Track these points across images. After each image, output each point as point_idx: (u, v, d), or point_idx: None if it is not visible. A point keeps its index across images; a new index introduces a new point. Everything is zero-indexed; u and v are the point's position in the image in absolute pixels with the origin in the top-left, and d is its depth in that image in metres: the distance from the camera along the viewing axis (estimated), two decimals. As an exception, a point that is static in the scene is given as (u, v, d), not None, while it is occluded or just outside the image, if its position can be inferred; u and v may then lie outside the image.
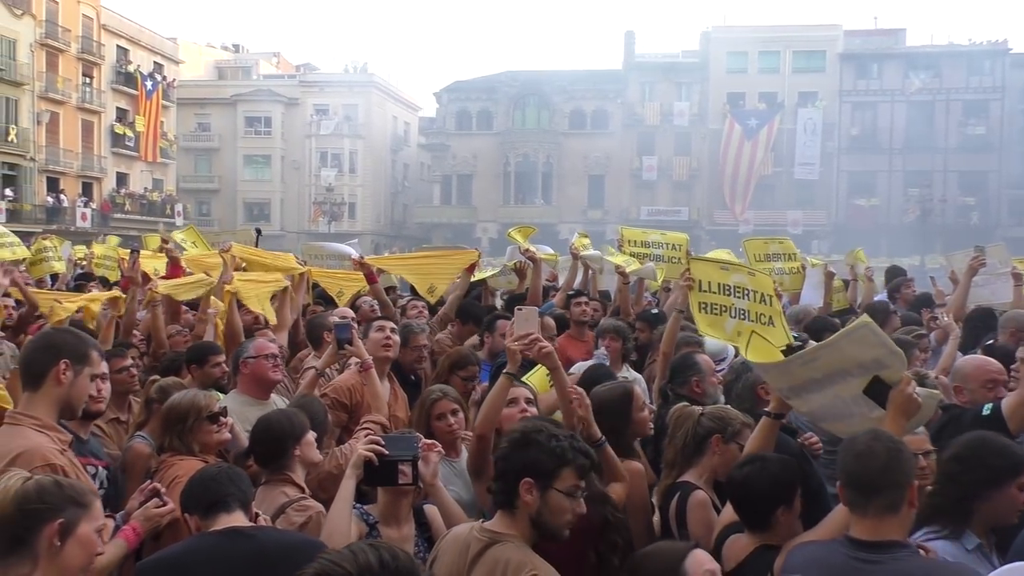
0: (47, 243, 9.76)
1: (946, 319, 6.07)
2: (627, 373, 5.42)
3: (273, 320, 5.81)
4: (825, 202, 50.69)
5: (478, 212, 54.30)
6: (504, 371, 3.42)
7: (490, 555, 2.44)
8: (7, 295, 6.42)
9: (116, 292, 5.50)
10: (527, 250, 7.38)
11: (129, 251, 7.37)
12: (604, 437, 3.28)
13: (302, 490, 3.18)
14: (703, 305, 4.65)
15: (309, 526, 2.95)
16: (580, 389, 3.39)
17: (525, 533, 2.49)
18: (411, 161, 63.14)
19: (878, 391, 2.80)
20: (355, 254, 7.50)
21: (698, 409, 3.51)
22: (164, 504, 2.86)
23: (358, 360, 4.21)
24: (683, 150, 52.90)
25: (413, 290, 7.56)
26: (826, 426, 3.34)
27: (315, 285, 7.46)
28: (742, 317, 4.77)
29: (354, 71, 60.69)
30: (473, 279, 7.79)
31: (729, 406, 3.78)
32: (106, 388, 3.12)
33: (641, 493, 3.44)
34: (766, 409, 3.28)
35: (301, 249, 8.77)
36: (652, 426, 3.91)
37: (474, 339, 6.24)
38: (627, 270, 7.28)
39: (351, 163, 55.84)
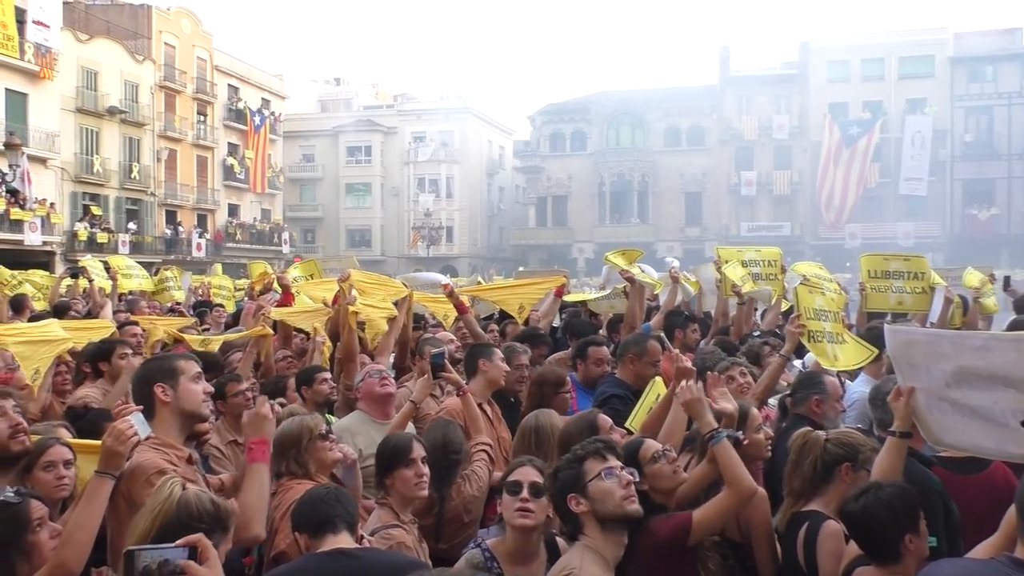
0: (168, 273, 10.36)
1: None
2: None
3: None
4: (938, 213, 48.20)
5: (574, 233, 54.30)
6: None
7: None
8: (136, 322, 6.86)
9: (266, 329, 5.71)
10: (625, 271, 7.30)
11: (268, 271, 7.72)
12: (719, 430, 3.16)
13: (397, 516, 3.21)
14: (810, 334, 4.79)
15: None
16: (698, 391, 3.33)
17: (599, 540, 2.68)
18: (506, 184, 63.84)
19: None
20: (445, 280, 7.67)
21: (822, 434, 3.32)
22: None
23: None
24: (783, 164, 51.51)
25: (503, 314, 7.67)
26: (961, 442, 3.05)
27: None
28: (832, 341, 4.89)
29: (449, 98, 61.98)
30: (571, 299, 7.82)
31: (855, 430, 3.56)
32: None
33: (765, 519, 3.29)
34: (891, 428, 3.12)
35: (400, 279, 8.97)
36: (770, 449, 3.78)
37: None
38: (743, 290, 7.03)
39: (448, 188, 56.91)
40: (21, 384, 4.39)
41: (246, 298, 9.92)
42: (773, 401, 4.91)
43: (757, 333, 6.55)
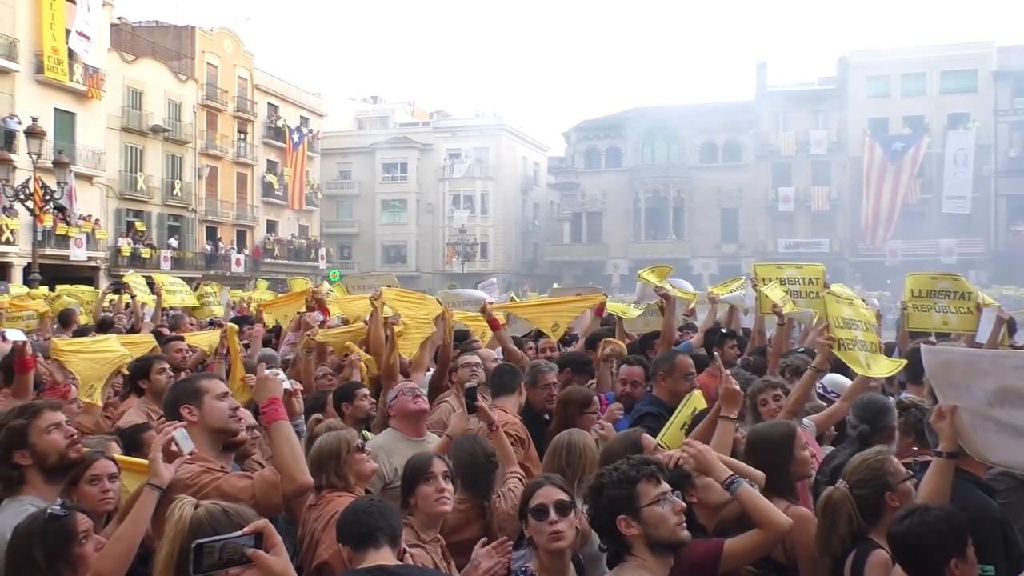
0: (208, 289, 10.53)
1: None
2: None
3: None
4: (982, 229, 47.19)
5: (609, 249, 54.15)
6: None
7: None
8: (180, 338, 6.98)
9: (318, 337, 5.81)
10: (659, 288, 7.26)
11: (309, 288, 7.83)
12: (736, 477, 3.04)
13: (418, 535, 3.23)
14: (840, 343, 4.77)
15: None
16: (699, 444, 3.17)
17: (651, 562, 2.65)
18: (541, 200, 63.97)
19: None
20: (488, 299, 7.67)
21: (843, 486, 3.16)
22: None
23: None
24: (822, 180, 50.91)
25: (540, 334, 7.64)
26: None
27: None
28: (864, 348, 4.85)
29: (484, 115, 62.40)
30: (611, 309, 7.76)
31: (892, 457, 3.41)
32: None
33: (810, 540, 3.20)
34: (938, 449, 3.04)
35: (439, 296, 9.02)
36: (815, 467, 3.73)
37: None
38: (783, 311, 6.82)
39: (483, 204, 57.18)
40: (72, 398, 4.49)
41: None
42: (807, 421, 4.84)
43: (801, 350, 6.44)
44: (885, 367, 5.20)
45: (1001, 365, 2.80)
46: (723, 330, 7.16)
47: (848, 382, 5.31)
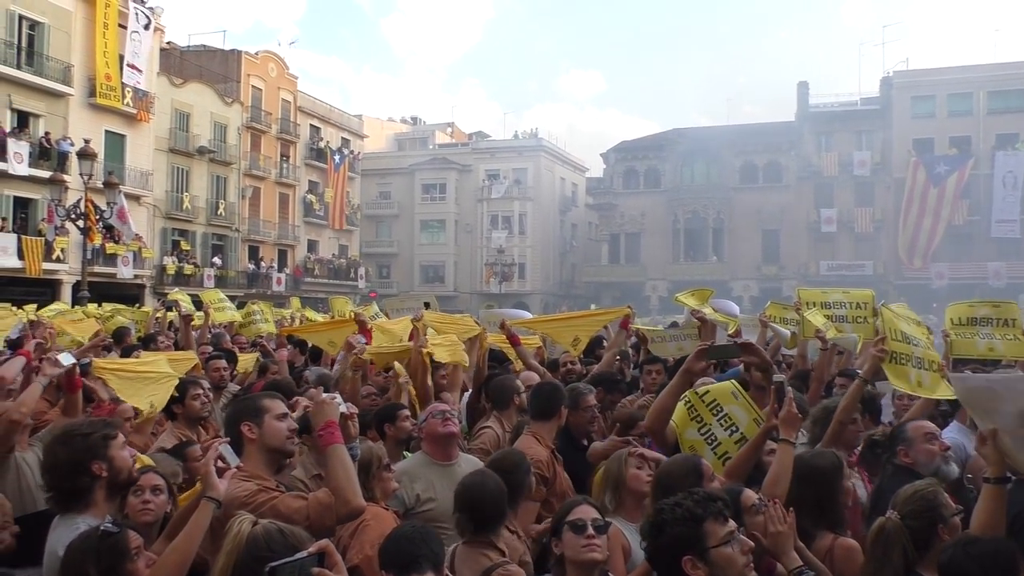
0: (255, 307, 10.63)
1: None
2: None
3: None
4: (1032, 251, 46.07)
5: (647, 270, 53.85)
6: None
7: None
8: (219, 356, 7.07)
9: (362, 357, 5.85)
10: (695, 311, 7.15)
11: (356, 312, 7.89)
12: (805, 568, 2.96)
13: (503, 554, 3.23)
14: (892, 356, 4.66)
15: None
16: (782, 525, 3.00)
17: None
18: (579, 221, 63.96)
19: None
20: (527, 315, 7.64)
21: (895, 517, 3.09)
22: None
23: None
24: (865, 201, 50.15)
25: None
26: None
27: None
28: (919, 366, 4.71)
29: (524, 136, 62.73)
30: (643, 329, 7.67)
31: (937, 489, 3.30)
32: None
33: (855, 572, 3.14)
34: (985, 475, 2.96)
35: (480, 315, 9.01)
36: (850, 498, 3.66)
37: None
38: (827, 335, 6.65)
39: (521, 225, 57.33)
40: (127, 415, 4.56)
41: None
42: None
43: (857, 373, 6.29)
44: (940, 390, 4.97)
45: (1013, 389, 2.78)
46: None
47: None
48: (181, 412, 5.13)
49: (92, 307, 13.70)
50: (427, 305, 9.86)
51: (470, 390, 6.46)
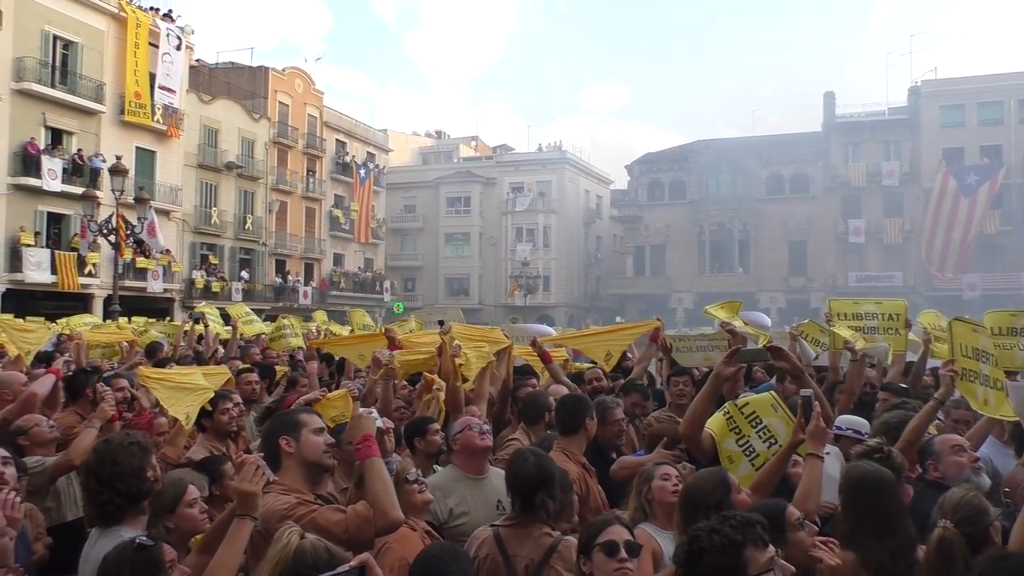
0: (285, 321, 10.70)
1: None
2: None
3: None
4: (1067, 262, 45.22)
5: (672, 282, 53.59)
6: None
7: None
8: (251, 370, 7.12)
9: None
10: (725, 323, 7.07)
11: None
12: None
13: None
14: (963, 373, 4.58)
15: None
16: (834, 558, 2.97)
17: None
18: (604, 233, 63.86)
19: None
20: (553, 333, 7.61)
21: (948, 525, 2.99)
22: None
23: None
24: (894, 211, 49.58)
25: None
26: None
27: None
28: (986, 384, 4.62)
29: (548, 149, 62.84)
30: (669, 336, 7.58)
31: (978, 493, 3.32)
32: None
33: None
34: None
35: (503, 329, 8.97)
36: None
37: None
38: (856, 347, 6.54)
39: (545, 237, 57.35)
40: (161, 430, 4.61)
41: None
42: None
43: (906, 387, 6.18)
44: (1003, 409, 4.84)
45: None
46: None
47: (860, 420, 5.06)
48: (210, 425, 5.17)
49: (122, 321, 13.90)
50: (441, 323, 9.84)
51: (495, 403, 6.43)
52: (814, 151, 51.75)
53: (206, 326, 11.19)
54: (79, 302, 28.49)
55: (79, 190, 25.90)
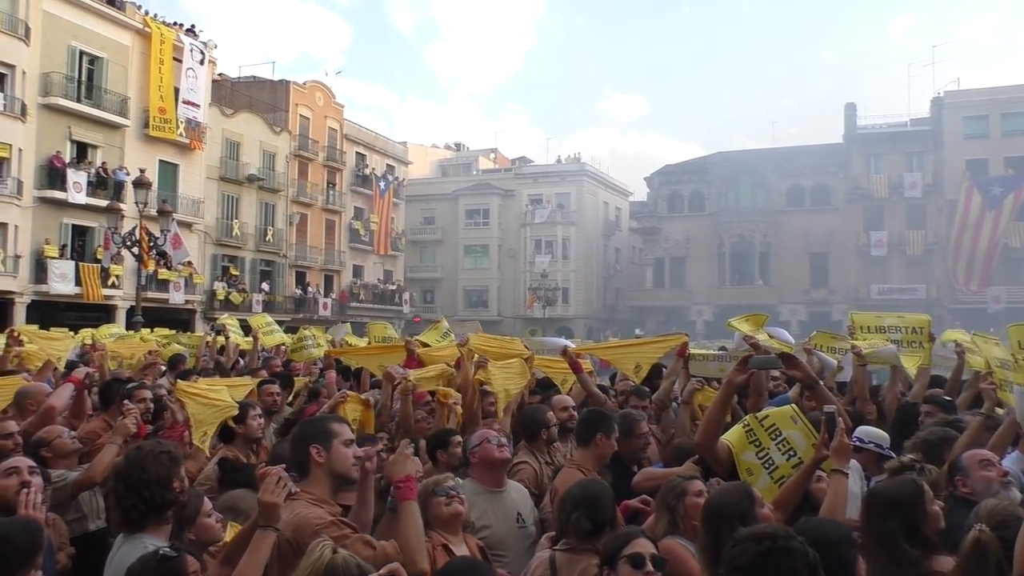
0: (307, 332, 10.74)
1: None
2: None
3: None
4: (1094, 274, 44.57)
5: (692, 295, 53.36)
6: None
7: None
8: (274, 379, 7.15)
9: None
10: (749, 337, 7.00)
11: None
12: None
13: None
14: (999, 383, 4.54)
15: None
16: None
17: None
18: (623, 245, 63.76)
19: None
20: (570, 344, 7.56)
21: (984, 529, 2.97)
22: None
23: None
24: (917, 223, 49.13)
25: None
26: None
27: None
28: (1009, 390, 4.57)
29: (567, 160, 62.93)
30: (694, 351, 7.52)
31: (1012, 500, 3.30)
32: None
33: None
34: None
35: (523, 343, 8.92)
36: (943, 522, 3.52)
37: None
38: (863, 352, 6.53)
39: (564, 249, 57.34)
40: (187, 442, 4.64)
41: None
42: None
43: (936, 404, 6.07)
44: None
45: None
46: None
47: (881, 433, 5.00)
48: (242, 432, 5.21)
49: (145, 332, 14.03)
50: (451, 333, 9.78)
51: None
52: (835, 162, 51.44)
53: (227, 338, 11.26)
54: (102, 313, 28.81)
55: (103, 203, 26.26)
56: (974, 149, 47.61)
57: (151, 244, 22.31)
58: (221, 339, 11.37)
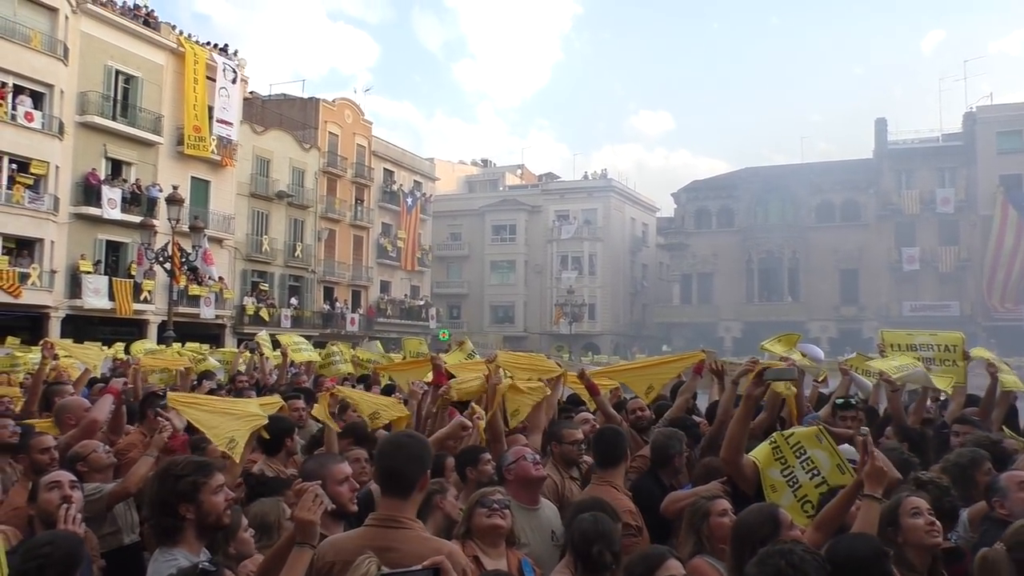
0: (334, 348, 10.84)
1: None
2: None
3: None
4: None
5: (720, 311, 52.96)
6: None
7: None
8: (299, 394, 7.20)
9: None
10: (785, 357, 6.93)
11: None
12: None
13: None
14: None
15: None
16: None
17: None
18: (650, 261, 63.52)
19: None
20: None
21: (1000, 549, 2.97)
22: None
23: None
24: (950, 239, 48.43)
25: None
26: None
27: None
28: None
29: (593, 176, 62.94)
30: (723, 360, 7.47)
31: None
32: None
33: None
34: None
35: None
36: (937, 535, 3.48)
37: None
38: (892, 377, 6.40)
39: (591, 265, 57.25)
40: (214, 456, 4.66)
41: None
42: None
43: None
44: None
45: None
46: (841, 400, 6.58)
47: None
48: (290, 445, 5.35)
49: (176, 346, 14.22)
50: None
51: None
52: (865, 178, 50.96)
53: (261, 355, 11.37)
54: (134, 328, 29.23)
55: (137, 219, 26.68)
56: (1008, 164, 46.90)
57: (183, 260, 22.61)
58: (255, 356, 11.49)
